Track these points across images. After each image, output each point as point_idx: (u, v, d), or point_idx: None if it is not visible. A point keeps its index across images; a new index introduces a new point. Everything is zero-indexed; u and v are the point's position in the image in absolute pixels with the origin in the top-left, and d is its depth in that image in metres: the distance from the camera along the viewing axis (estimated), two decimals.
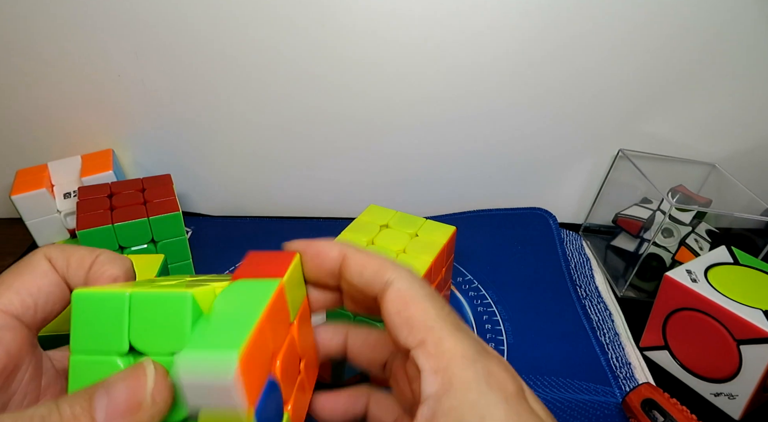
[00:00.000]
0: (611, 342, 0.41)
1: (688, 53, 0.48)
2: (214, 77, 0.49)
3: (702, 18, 0.46)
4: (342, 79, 0.50)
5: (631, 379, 0.38)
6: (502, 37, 0.47)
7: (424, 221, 0.41)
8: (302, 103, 0.51)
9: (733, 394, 0.36)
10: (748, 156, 0.53)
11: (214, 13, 0.46)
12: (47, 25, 0.46)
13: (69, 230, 0.47)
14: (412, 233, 0.40)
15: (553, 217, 0.56)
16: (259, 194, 0.58)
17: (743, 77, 0.49)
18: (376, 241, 0.39)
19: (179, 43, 0.47)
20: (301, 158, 0.55)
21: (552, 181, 0.56)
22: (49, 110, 0.51)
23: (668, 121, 0.52)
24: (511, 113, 0.52)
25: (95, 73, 0.49)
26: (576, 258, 0.52)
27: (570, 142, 0.53)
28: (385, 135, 0.53)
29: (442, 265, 0.40)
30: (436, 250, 0.37)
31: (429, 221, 0.41)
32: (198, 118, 0.52)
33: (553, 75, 0.49)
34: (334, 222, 0.56)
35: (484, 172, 0.56)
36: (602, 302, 0.46)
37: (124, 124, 0.53)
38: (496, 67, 0.49)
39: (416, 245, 0.38)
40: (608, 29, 0.46)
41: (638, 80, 0.49)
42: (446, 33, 0.47)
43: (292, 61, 0.48)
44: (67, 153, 0.51)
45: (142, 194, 0.44)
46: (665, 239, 0.46)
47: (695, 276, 0.38)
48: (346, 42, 0.47)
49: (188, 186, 0.57)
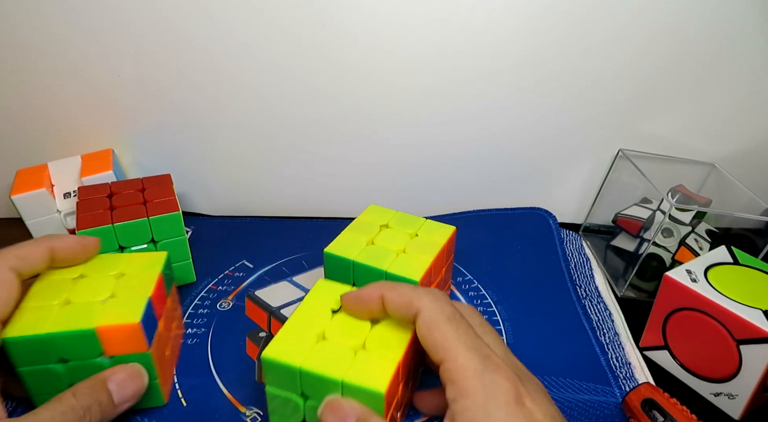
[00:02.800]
0: (611, 341, 0.41)
1: (688, 53, 0.48)
2: (215, 77, 0.49)
3: (702, 18, 0.46)
4: (342, 79, 0.50)
5: (631, 379, 0.38)
6: (502, 36, 0.47)
7: (424, 221, 0.41)
8: (303, 103, 0.51)
9: (733, 394, 0.36)
10: (748, 156, 0.53)
11: (215, 13, 0.46)
12: (47, 25, 0.46)
13: (69, 230, 0.47)
14: (412, 233, 0.40)
15: (553, 217, 0.56)
16: (259, 194, 0.58)
17: (743, 77, 0.49)
18: (376, 241, 0.39)
19: (179, 42, 0.47)
20: (302, 158, 0.55)
21: (552, 181, 0.56)
22: (49, 109, 0.51)
23: (668, 121, 0.52)
24: (510, 112, 0.52)
25: (95, 72, 0.49)
26: (576, 258, 0.52)
27: (570, 142, 0.54)
28: (385, 135, 0.53)
29: (442, 265, 0.40)
30: (436, 250, 0.37)
31: (429, 221, 0.41)
32: (198, 118, 0.52)
33: (553, 75, 0.49)
34: (334, 222, 0.56)
35: (484, 172, 0.56)
36: (602, 302, 0.46)
37: (124, 124, 0.53)
38: (495, 67, 0.49)
39: (416, 245, 0.38)
40: (608, 29, 0.46)
41: (638, 80, 0.49)
42: (446, 33, 0.47)
43: (292, 61, 0.48)
44: (67, 153, 0.51)
45: (142, 194, 0.44)
46: (665, 239, 0.46)
47: (695, 276, 0.38)
48: (347, 43, 0.47)
49: (188, 186, 0.57)
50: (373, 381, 0.27)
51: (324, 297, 0.32)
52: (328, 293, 0.32)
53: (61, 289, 0.31)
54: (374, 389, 0.26)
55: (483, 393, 0.24)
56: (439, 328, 0.26)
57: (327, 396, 0.28)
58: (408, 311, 0.27)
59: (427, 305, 0.27)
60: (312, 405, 0.29)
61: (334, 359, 0.28)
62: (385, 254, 0.37)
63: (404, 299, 0.28)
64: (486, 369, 0.24)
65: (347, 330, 0.30)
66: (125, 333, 0.29)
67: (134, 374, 0.30)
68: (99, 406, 0.28)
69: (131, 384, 0.30)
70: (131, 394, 0.30)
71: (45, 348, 0.29)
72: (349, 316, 0.31)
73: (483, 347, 0.26)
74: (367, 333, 0.30)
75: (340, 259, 0.37)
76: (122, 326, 0.29)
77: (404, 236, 0.39)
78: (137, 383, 0.30)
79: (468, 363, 0.24)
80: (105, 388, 0.29)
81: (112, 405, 0.29)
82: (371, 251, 0.37)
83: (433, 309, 0.26)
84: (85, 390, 0.28)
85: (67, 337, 0.29)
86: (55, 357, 0.29)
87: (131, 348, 0.30)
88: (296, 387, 0.29)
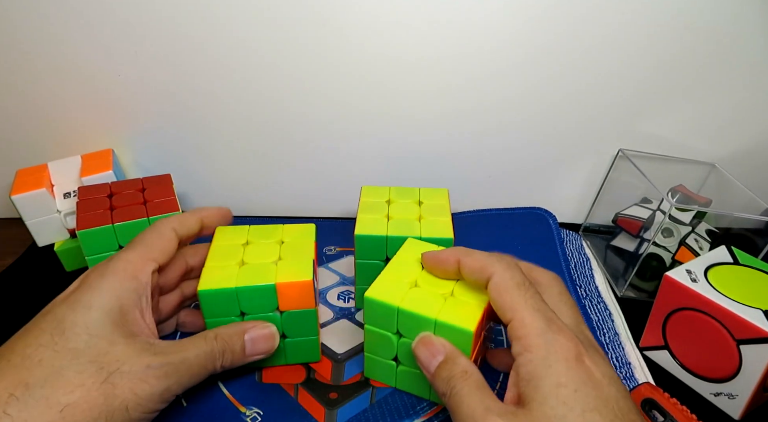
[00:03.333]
0: (611, 341, 0.41)
1: (688, 53, 0.48)
2: (215, 77, 0.49)
3: (702, 18, 0.46)
4: (343, 80, 0.50)
5: (631, 379, 0.38)
6: (501, 36, 0.47)
7: (419, 189, 0.45)
8: (303, 103, 0.51)
9: (733, 394, 0.36)
10: (748, 156, 0.53)
11: (215, 13, 0.46)
12: (47, 25, 0.47)
13: (69, 230, 0.47)
14: (416, 201, 0.43)
15: (553, 217, 0.56)
16: (259, 194, 0.58)
17: (743, 77, 0.49)
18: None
19: (179, 42, 0.48)
20: (302, 158, 0.55)
21: (552, 181, 0.56)
22: (49, 109, 0.51)
23: (668, 121, 0.52)
24: (510, 112, 0.52)
25: (95, 72, 0.49)
26: (576, 258, 0.52)
27: (570, 142, 0.54)
28: (385, 135, 0.53)
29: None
30: (448, 211, 0.41)
31: (423, 188, 0.45)
32: (198, 118, 0.52)
33: (553, 75, 0.49)
34: (334, 222, 0.56)
35: (484, 172, 0.56)
36: (602, 302, 0.46)
37: (124, 124, 0.53)
38: (495, 67, 0.49)
39: (428, 210, 0.42)
40: (608, 29, 0.46)
41: (638, 80, 0.49)
42: (446, 33, 0.47)
43: (293, 61, 0.48)
44: (67, 153, 0.51)
45: (142, 194, 0.44)
46: (665, 239, 0.46)
47: (695, 276, 0.38)
48: (347, 43, 0.47)
49: (188, 186, 0.57)
50: (463, 321, 0.30)
51: (413, 253, 0.36)
52: (417, 249, 0.36)
53: (234, 253, 0.36)
54: (465, 327, 0.30)
55: (545, 348, 0.26)
56: (509, 292, 0.28)
57: (420, 333, 0.31)
58: (481, 276, 0.30)
59: (499, 271, 0.29)
60: (405, 342, 0.33)
61: (427, 302, 0.32)
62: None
63: (478, 264, 0.30)
64: (549, 328, 0.26)
65: (436, 281, 0.34)
66: (299, 289, 0.34)
67: (269, 334, 0.34)
68: (232, 354, 0.32)
69: (264, 342, 0.34)
70: (262, 350, 0.34)
71: (230, 300, 0.33)
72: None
73: (548, 311, 0.28)
74: (453, 284, 0.33)
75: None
76: (298, 283, 0.33)
77: (413, 205, 0.42)
78: (269, 342, 0.34)
79: (533, 322, 0.27)
80: (242, 338, 0.33)
81: (243, 354, 0.33)
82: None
83: (504, 275, 0.29)
84: (225, 335, 0.32)
85: (251, 291, 0.33)
86: (237, 310, 0.34)
87: (302, 304, 0.34)
88: (393, 325, 0.32)
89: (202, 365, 0.31)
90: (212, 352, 0.31)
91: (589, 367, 0.26)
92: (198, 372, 0.30)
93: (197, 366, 0.30)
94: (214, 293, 0.33)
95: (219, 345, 0.32)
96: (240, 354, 0.33)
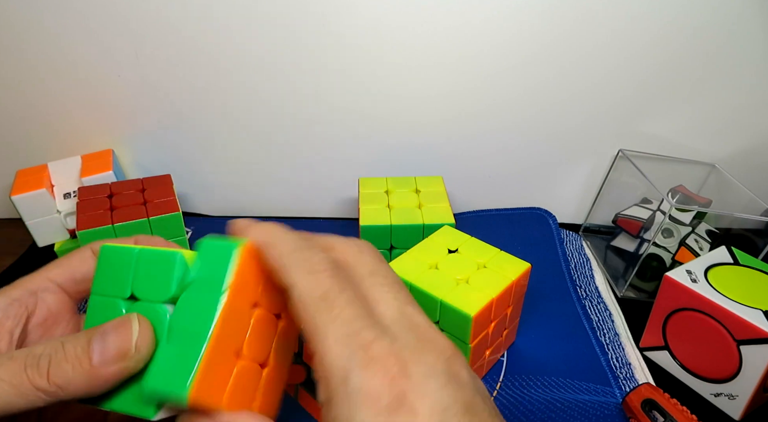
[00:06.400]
0: (611, 342, 0.41)
1: (688, 54, 0.48)
2: (215, 77, 0.49)
3: (702, 18, 0.46)
4: (343, 82, 0.50)
5: (631, 379, 0.38)
6: (502, 37, 0.47)
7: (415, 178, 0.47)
8: (303, 103, 0.51)
9: (733, 394, 0.36)
10: (748, 156, 0.53)
11: (215, 14, 0.46)
12: (47, 26, 0.47)
13: (69, 230, 0.47)
14: (414, 190, 0.46)
15: (553, 217, 0.56)
16: (260, 194, 0.58)
17: (743, 77, 0.49)
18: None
19: (179, 43, 0.47)
20: (302, 158, 0.55)
21: (552, 181, 0.56)
22: (49, 110, 0.51)
23: (668, 121, 0.52)
24: (510, 113, 0.52)
25: (95, 73, 0.49)
26: (576, 258, 0.52)
27: (570, 142, 0.54)
28: (385, 136, 0.53)
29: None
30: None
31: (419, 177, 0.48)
32: (198, 118, 0.52)
33: (553, 75, 0.49)
34: (334, 222, 0.56)
35: (484, 172, 0.56)
36: (602, 303, 0.46)
37: (124, 124, 0.53)
38: (495, 68, 0.49)
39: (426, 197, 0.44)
40: (609, 30, 0.46)
41: (638, 80, 0.49)
42: (446, 34, 0.47)
43: (292, 62, 0.48)
44: (67, 153, 0.51)
45: (142, 194, 0.44)
46: (665, 240, 0.46)
47: (695, 276, 0.38)
48: (347, 45, 0.47)
49: (188, 186, 0.57)
50: (466, 305, 0.31)
51: (444, 239, 0.38)
52: (448, 236, 0.38)
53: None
54: (466, 311, 0.31)
55: (348, 401, 0.18)
56: (308, 311, 0.20)
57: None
58: (281, 281, 0.21)
59: (298, 281, 0.20)
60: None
61: (439, 284, 0.34)
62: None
63: (275, 264, 0.21)
64: (357, 365, 0.18)
65: (457, 267, 0.35)
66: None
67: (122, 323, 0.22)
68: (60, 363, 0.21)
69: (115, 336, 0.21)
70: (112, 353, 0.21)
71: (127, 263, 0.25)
72: (462, 256, 0.37)
73: (364, 330, 0.19)
74: (473, 271, 0.34)
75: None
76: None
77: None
78: (122, 336, 0.21)
79: (334, 361, 0.19)
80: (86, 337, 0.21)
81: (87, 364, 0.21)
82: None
83: (304, 286, 0.20)
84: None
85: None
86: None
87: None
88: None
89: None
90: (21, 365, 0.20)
91: (411, 406, 0.18)
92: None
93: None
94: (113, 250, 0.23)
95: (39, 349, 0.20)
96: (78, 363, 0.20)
